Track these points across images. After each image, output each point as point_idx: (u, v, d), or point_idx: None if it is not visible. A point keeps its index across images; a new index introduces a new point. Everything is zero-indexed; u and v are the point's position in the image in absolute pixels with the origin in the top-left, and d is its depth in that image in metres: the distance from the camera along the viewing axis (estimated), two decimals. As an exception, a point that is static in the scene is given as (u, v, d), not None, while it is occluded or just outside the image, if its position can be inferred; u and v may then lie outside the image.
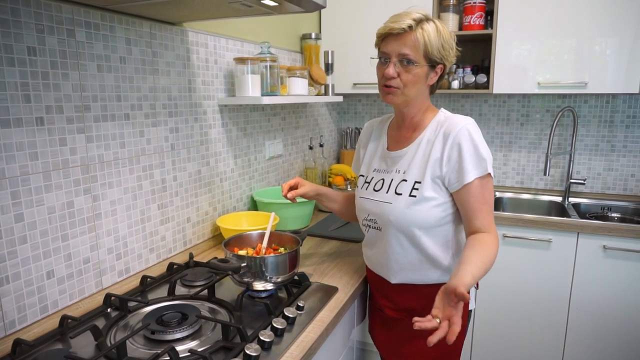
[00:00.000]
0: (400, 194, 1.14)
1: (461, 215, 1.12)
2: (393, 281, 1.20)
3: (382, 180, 1.20)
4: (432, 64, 1.10)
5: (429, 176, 1.11)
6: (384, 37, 1.12)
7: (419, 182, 1.12)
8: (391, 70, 1.09)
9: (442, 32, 1.09)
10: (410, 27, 1.06)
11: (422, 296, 1.18)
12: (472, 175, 1.07)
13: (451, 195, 1.12)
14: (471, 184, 1.07)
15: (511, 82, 2.13)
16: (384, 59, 1.12)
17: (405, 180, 1.14)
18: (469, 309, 1.23)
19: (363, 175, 1.28)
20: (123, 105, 1.24)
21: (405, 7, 2.26)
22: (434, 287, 1.04)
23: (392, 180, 1.17)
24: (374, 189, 1.21)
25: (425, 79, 1.11)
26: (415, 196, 1.11)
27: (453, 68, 2.29)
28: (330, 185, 2.38)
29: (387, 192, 1.17)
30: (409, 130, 1.20)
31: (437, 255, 1.15)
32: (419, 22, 1.07)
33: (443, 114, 1.17)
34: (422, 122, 1.18)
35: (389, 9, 2.22)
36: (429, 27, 1.07)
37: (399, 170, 1.17)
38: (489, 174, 1.09)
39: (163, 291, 1.23)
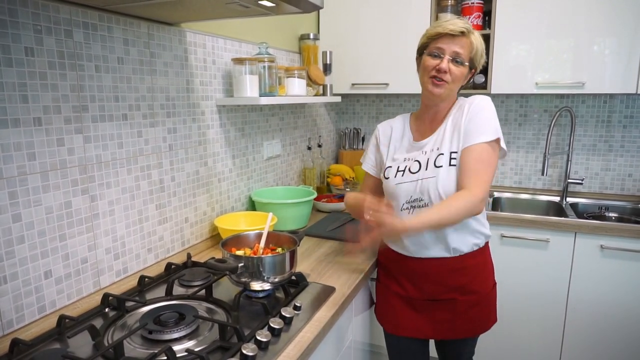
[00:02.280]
0: (441, 166, 1.23)
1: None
2: (452, 245, 1.26)
3: (417, 162, 1.27)
4: (470, 67, 1.25)
5: (462, 144, 1.22)
6: (439, 37, 1.22)
7: (456, 152, 1.22)
8: (445, 64, 1.21)
9: (482, 42, 1.26)
10: (467, 30, 1.21)
11: (469, 270, 1.26)
12: (482, 137, 1.19)
13: None
14: (476, 145, 1.19)
15: (509, 82, 2.14)
16: (437, 53, 1.23)
17: (442, 154, 1.24)
18: (495, 282, 1.39)
19: (391, 167, 1.33)
20: (121, 105, 1.24)
21: (402, 8, 2.26)
22: (477, 253, 1.29)
23: (428, 159, 1.26)
24: (411, 172, 1.28)
25: (464, 79, 1.26)
26: (455, 165, 1.22)
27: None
28: (328, 185, 2.39)
29: (426, 169, 1.25)
30: (437, 121, 1.31)
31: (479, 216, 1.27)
32: (470, 28, 1.22)
33: (462, 98, 1.31)
34: (449, 111, 1.31)
35: (386, 10, 2.24)
36: (477, 35, 1.24)
37: (433, 149, 1.26)
38: (498, 142, 1.22)
39: (161, 291, 1.23)
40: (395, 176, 1.31)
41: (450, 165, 1.22)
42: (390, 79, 2.29)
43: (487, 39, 2.14)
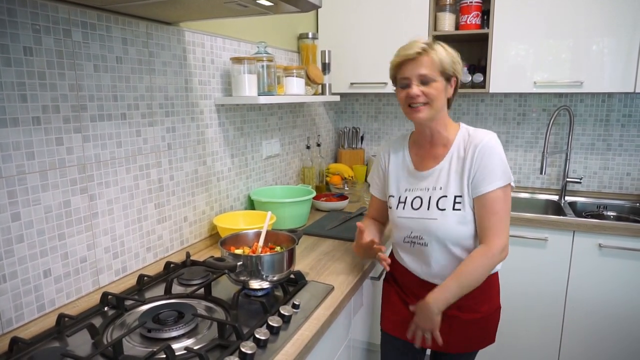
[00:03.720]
0: (444, 209, 1.20)
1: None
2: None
3: (419, 198, 1.25)
4: (447, 77, 1.20)
5: (466, 188, 1.19)
6: (401, 65, 1.20)
7: (460, 197, 1.19)
8: (415, 90, 1.18)
9: (448, 50, 1.20)
10: (423, 49, 1.17)
11: (473, 291, 1.21)
12: (493, 185, 1.16)
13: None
14: (489, 194, 1.16)
15: (508, 82, 2.14)
16: (405, 84, 1.20)
17: (446, 196, 1.21)
18: (498, 305, 1.36)
19: (393, 196, 1.32)
20: (119, 104, 1.24)
21: (401, 7, 2.27)
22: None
23: (430, 197, 1.23)
24: (413, 208, 1.26)
25: (444, 92, 1.20)
26: (460, 209, 1.19)
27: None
28: (327, 184, 2.39)
29: (428, 209, 1.23)
30: (439, 147, 1.26)
31: None
32: (429, 45, 1.18)
33: (466, 129, 1.25)
34: (449, 138, 1.25)
35: (385, 9, 2.24)
36: (438, 47, 1.19)
37: (435, 187, 1.23)
38: (509, 186, 1.19)
39: (160, 290, 1.23)
40: (397, 207, 1.30)
41: (454, 209, 1.20)
42: (389, 78, 2.29)
43: (485, 38, 2.15)
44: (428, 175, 1.26)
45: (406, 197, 1.28)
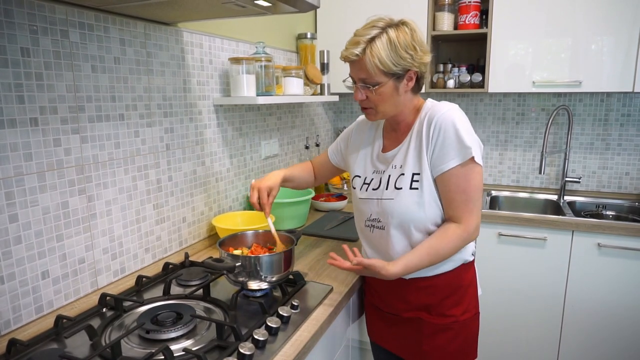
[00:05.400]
0: (400, 188, 1.12)
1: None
2: (408, 277, 1.18)
3: (379, 179, 1.19)
4: (397, 75, 1.07)
5: (426, 165, 1.10)
6: (345, 61, 1.13)
7: (418, 174, 1.11)
8: (359, 95, 1.12)
9: (395, 42, 1.05)
10: (361, 52, 1.06)
11: (437, 289, 1.18)
12: (453, 162, 1.06)
13: None
14: (449, 171, 1.07)
15: (507, 81, 2.14)
16: (352, 82, 1.15)
17: (403, 174, 1.13)
18: (476, 312, 1.25)
19: (359, 176, 1.26)
20: (117, 105, 1.24)
21: (399, 7, 2.26)
22: (448, 275, 1.16)
23: (389, 176, 1.16)
24: (372, 189, 1.20)
25: (395, 91, 1.10)
26: (417, 188, 1.10)
27: (449, 67, 2.30)
28: (326, 184, 2.39)
29: (386, 189, 1.15)
30: (403, 127, 1.19)
31: None
32: (370, 41, 1.05)
33: (430, 103, 1.15)
34: (414, 119, 1.16)
35: (383, 8, 2.23)
36: (379, 45, 1.05)
37: (395, 166, 1.16)
38: (473, 160, 1.06)
39: (158, 291, 1.23)
40: (360, 189, 1.24)
41: (411, 188, 1.11)
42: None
43: (484, 38, 2.15)
44: (391, 156, 1.18)
45: (372, 180, 1.21)
